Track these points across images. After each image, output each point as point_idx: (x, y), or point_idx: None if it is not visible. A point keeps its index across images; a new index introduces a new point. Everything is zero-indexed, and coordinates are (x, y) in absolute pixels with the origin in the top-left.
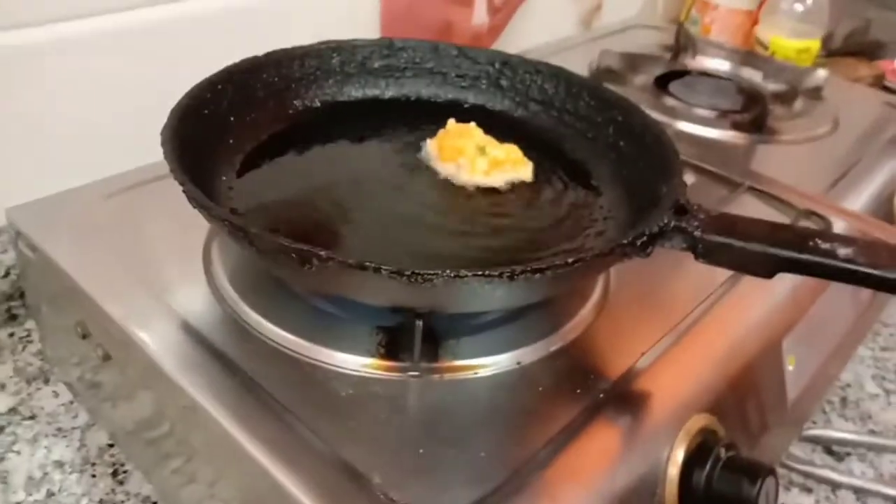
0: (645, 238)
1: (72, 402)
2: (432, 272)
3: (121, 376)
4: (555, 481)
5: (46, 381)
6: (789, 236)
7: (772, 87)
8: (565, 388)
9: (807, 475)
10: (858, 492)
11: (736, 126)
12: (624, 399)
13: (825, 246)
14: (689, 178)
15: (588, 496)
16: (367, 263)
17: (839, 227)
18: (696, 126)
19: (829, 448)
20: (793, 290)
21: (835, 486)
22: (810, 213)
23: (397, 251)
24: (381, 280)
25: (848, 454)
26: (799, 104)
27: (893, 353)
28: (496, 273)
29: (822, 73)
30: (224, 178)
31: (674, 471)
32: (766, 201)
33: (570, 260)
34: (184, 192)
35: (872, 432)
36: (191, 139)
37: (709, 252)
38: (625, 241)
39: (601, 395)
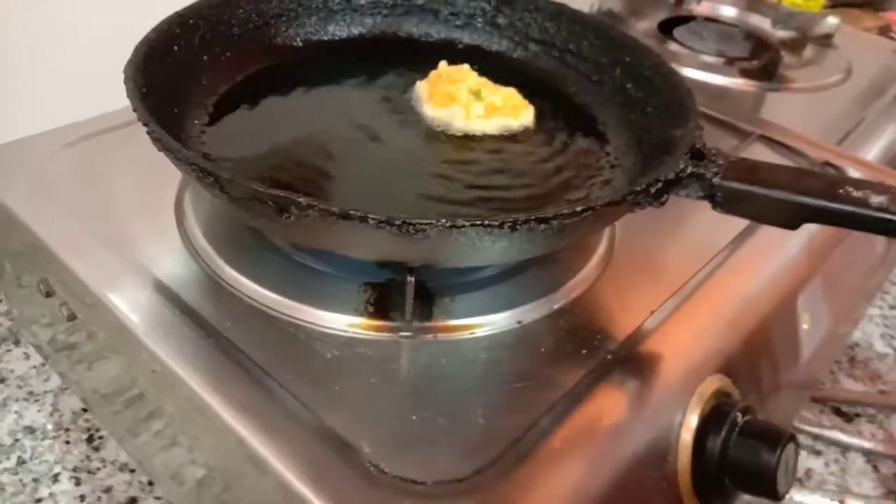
0: (660, 185)
1: (43, 365)
2: (426, 221)
3: (88, 338)
4: (558, 451)
5: (17, 343)
6: (817, 184)
7: (780, 33)
8: (569, 350)
9: (816, 437)
10: (868, 454)
11: (745, 73)
12: (632, 361)
13: (857, 194)
14: None
15: (594, 466)
16: (353, 212)
17: (854, 177)
18: (703, 73)
19: (838, 409)
20: (808, 244)
21: (844, 448)
22: (825, 164)
23: (384, 202)
24: (369, 231)
25: (857, 415)
26: (809, 52)
27: None
28: (497, 223)
29: (832, 20)
30: (196, 121)
31: (687, 437)
32: (779, 151)
33: (577, 209)
34: (148, 133)
35: (882, 392)
36: (158, 78)
37: (728, 201)
38: (638, 189)
39: (608, 357)
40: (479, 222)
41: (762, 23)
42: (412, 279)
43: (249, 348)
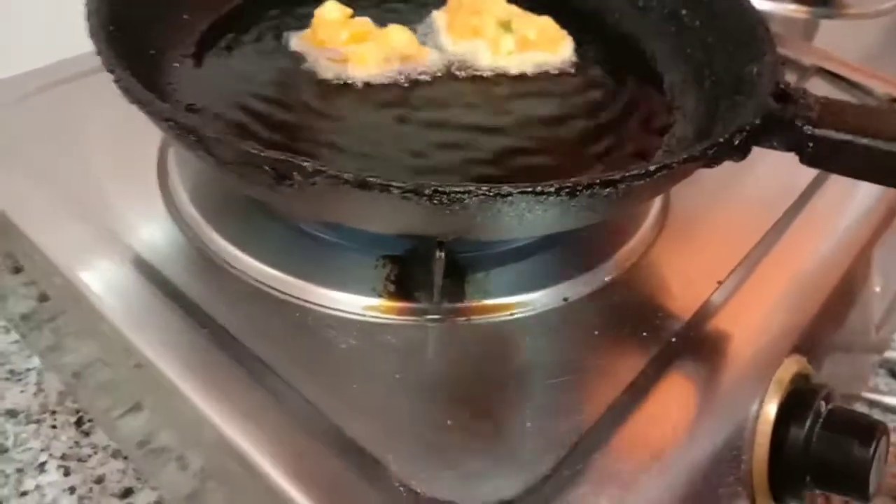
0: (744, 135)
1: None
2: (463, 189)
3: (62, 319)
4: (621, 458)
5: None
6: None
7: None
8: (626, 332)
9: (872, 403)
10: None
11: None
12: (701, 344)
13: None
14: None
15: (663, 475)
16: (371, 179)
17: None
18: None
19: (894, 371)
20: (882, 195)
21: None
22: (893, 101)
23: (399, 162)
24: (391, 201)
25: None
26: None
27: None
28: (552, 189)
29: None
30: (176, 65)
31: (765, 430)
32: (840, 87)
33: (651, 168)
34: (115, 81)
35: None
36: (128, 15)
37: (822, 153)
38: (720, 140)
39: (673, 340)
40: (529, 189)
41: None
42: (441, 254)
43: (250, 339)
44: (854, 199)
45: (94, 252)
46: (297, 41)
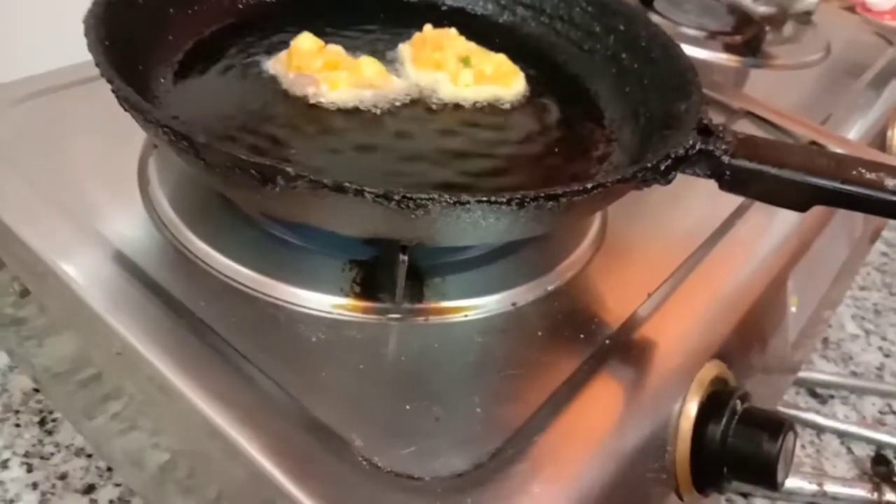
0: (669, 162)
1: None
2: (428, 197)
3: (41, 313)
4: (559, 442)
5: None
6: (830, 164)
7: (762, 9)
8: (566, 334)
9: (792, 419)
10: (842, 436)
11: (728, 48)
12: (631, 346)
13: (870, 176)
14: None
15: (595, 457)
16: (347, 184)
17: None
18: (684, 46)
19: (813, 390)
20: (799, 223)
21: (820, 430)
22: (811, 143)
23: (369, 174)
24: (363, 206)
25: (831, 396)
26: (789, 28)
27: (871, 292)
28: (504, 200)
29: None
30: (162, 80)
31: (686, 425)
32: (765, 129)
33: (588, 186)
34: (113, 91)
35: (854, 374)
36: (121, 31)
37: (737, 180)
38: (649, 165)
39: (606, 342)
40: (485, 199)
41: None
42: (405, 258)
43: (225, 330)
44: (773, 226)
45: (78, 247)
46: (272, 64)
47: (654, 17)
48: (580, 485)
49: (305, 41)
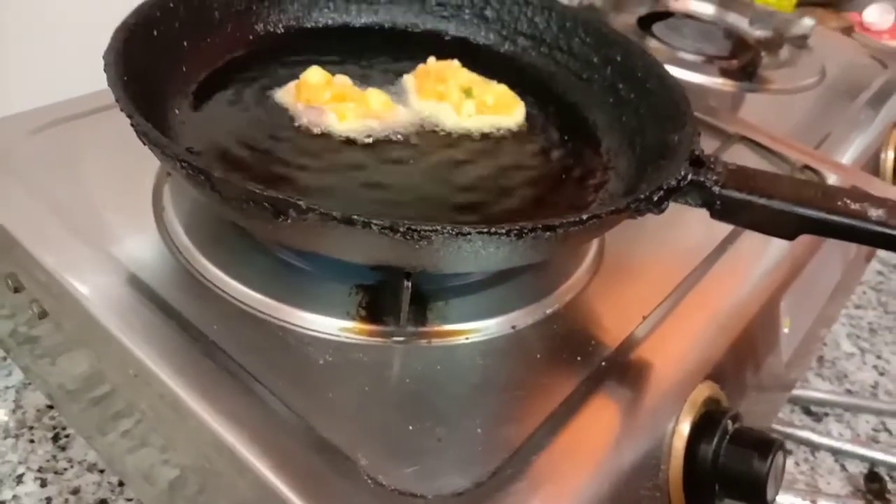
0: (662, 193)
1: (5, 359)
2: (430, 228)
3: (59, 334)
4: (557, 461)
5: None
6: (816, 195)
7: (758, 33)
8: (564, 356)
9: (787, 437)
10: (837, 453)
11: (724, 73)
12: (626, 368)
13: (855, 207)
14: None
15: (592, 476)
16: (355, 217)
17: (833, 182)
18: (682, 71)
19: (808, 408)
20: (791, 247)
21: (814, 447)
22: (804, 167)
23: (375, 203)
24: (370, 236)
25: (826, 414)
26: (785, 52)
27: (866, 311)
28: (503, 230)
29: (808, 22)
30: (177, 111)
31: (679, 445)
32: (760, 153)
33: (584, 217)
34: (133, 125)
35: (849, 392)
36: (138, 65)
37: (727, 210)
38: (642, 196)
39: (602, 364)
40: (485, 230)
41: (739, 21)
42: (409, 284)
43: (237, 353)
44: (766, 250)
45: (95, 271)
46: (282, 95)
47: (652, 42)
48: (578, 502)
49: (314, 75)
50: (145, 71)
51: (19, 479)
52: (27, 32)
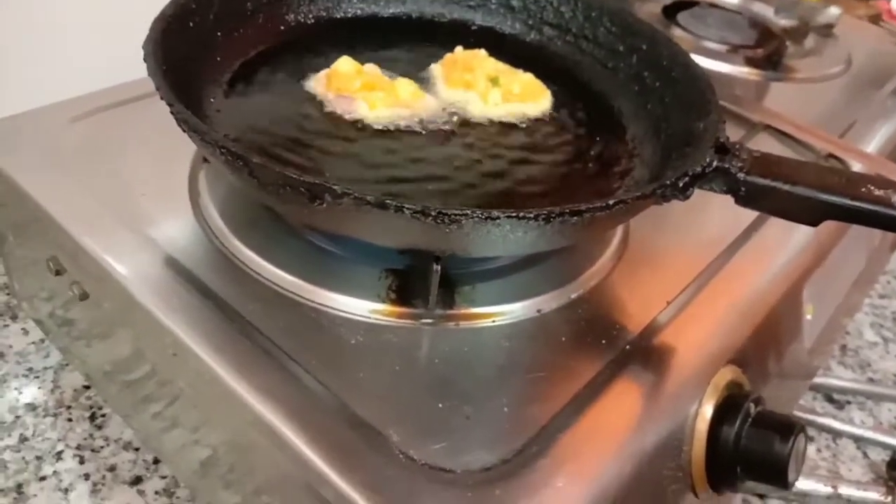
0: (687, 179)
1: (43, 341)
2: (461, 212)
3: (99, 315)
4: (581, 440)
5: (14, 318)
6: (840, 181)
7: (783, 22)
8: (589, 340)
9: (809, 423)
10: (858, 440)
11: (749, 62)
12: (650, 352)
13: (878, 193)
14: None
15: (615, 456)
16: (388, 201)
17: (858, 170)
18: (706, 60)
19: (830, 396)
20: (814, 236)
21: (836, 434)
22: (829, 156)
23: (406, 188)
24: (402, 220)
25: (848, 402)
26: (810, 41)
27: (891, 300)
28: (532, 215)
29: (834, 10)
30: (212, 99)
31: (702, 427)
32: (785, 142)
33: (610, 202)
34: (173, 113)
35: (871, 380)
36: (175, 55)
37: (752, 196)
38: (668, 182)
39: (626, 348)
40: (514, 214)
41: (764, 10)
42: (438, 267)
43: (273, 333)
44: (790, 237)
45: (135, 254)
46: (313, 84)
47: (677, 31)
48: (601, 481)
49: (344, 64)
50: (182, 61)
51: (59, 456)
52: (27, 32)
